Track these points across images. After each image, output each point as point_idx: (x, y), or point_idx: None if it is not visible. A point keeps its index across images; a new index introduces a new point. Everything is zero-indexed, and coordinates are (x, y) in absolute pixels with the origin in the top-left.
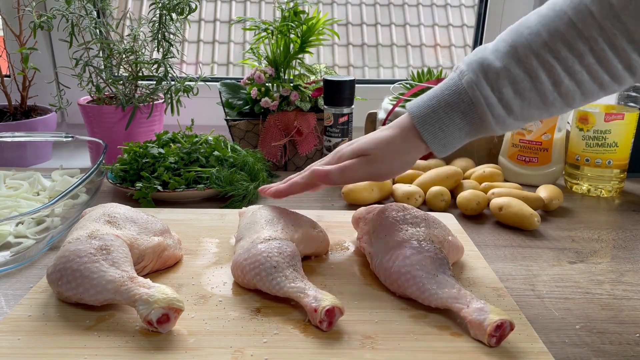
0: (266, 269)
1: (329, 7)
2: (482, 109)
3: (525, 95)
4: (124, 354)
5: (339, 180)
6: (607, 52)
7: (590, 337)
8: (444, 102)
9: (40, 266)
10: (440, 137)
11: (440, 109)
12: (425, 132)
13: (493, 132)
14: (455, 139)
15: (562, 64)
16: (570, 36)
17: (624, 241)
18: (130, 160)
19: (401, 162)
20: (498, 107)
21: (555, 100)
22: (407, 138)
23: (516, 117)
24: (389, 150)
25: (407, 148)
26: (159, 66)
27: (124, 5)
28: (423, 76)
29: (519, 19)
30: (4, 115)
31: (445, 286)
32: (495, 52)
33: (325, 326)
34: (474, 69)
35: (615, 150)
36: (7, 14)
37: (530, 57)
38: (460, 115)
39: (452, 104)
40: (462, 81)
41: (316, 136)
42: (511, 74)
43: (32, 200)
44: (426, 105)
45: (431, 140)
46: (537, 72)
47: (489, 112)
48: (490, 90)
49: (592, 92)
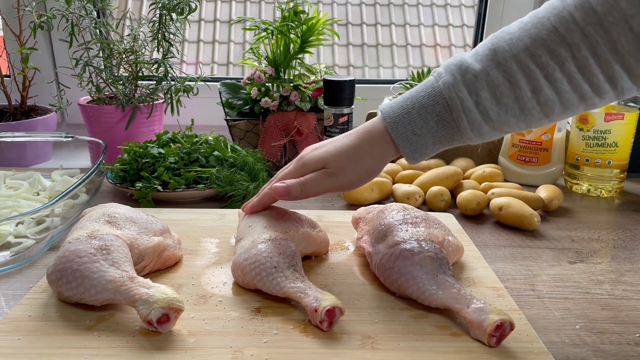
0: (266, 269)
1: (329, 7)
2: (457, 112)
3: (504, 100)
4: (124, 354)
5: (301, 196)
6: (589, 59)
7: (590, 337)
8: (418, 103)
9: (40, 266)
10: (412, 140)
11: (415, 110)
12: (397, 134)
13: (468, 139)
14: (427, 145)
15: (543, 70)
16: (551, 42)
17: (624, 241)
18: (130, 160)
19: (364, 173)
20: (474, 111)
21: (533, 109)
22: (373, 143)
23: (492, 124)
24: (350, 161)
25: (372, 155)
26: (159, 66)
27: (124, 5)
28: (423, 76)
29: (518, 19)
30: (4, 115)
31: (445, 286)
32: (474, 56)
33: (325, 326)
34: (451, 71)
35: (615, 150)
36: (7, 14)
37: (510, 61)
38: (435, 118)
39: (427, 106)
40: (438, 83)
41: (316, 136)
42: (489, 77)
43: (32, 200)
44: (400, 106)
45: (402, 144)
46: (516, 77)
47: (464, 117)
48: (467, 93)
49: (572, 103)
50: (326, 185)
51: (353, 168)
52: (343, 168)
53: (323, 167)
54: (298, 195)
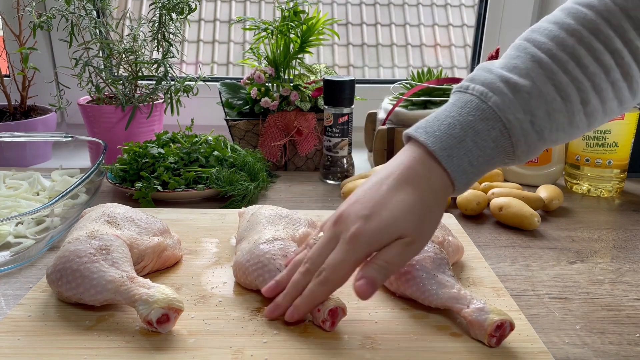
0: (269, 271)
1: (329, 7)
2: (517, 136)
3: (555, 117)
4: (124, 354)
5: (384, 281)
6: (631, 65)
7: (590, 337)
8: (470, 130)
9: (40, 266)
10: (469, 172)
11: (468, 138)
12: (455, 169)
13: (518, 162)
14: (480, 175)
15: (590, 80)
16: (596, 48)
17: (624, 241)
18: (130, 160)
19: (436, 226)
20: (532, 132)
21: (580, 122)
22: (434, 188)
23: (544, 143)
24: (425, 221)
25: (439, 203)
26: (158, 66)
27: (124, 5)
28: (423, 76)
29: (518, 18)
30: (4, 115)
31: (445, 286)
32: (515, 70)
33: (328, 326)
34: (499, 89)
35: (616, 150)
36: (6, 14)
37: (559, 74)
38: (491, 145)
39: (481, 133)
40: (488, 104)
41: (316, 136)
42: (542, 93)
43: (32, 200)
44: (448, 135)
45: (460, 178)
46: (567, 91)
47: (523, 140)
48: (524, 114)
49: (612, 110)
50: (408, 258)
51: (428, 227)
52: (422, 232)
53: (398, 238)
54: (382, 282)
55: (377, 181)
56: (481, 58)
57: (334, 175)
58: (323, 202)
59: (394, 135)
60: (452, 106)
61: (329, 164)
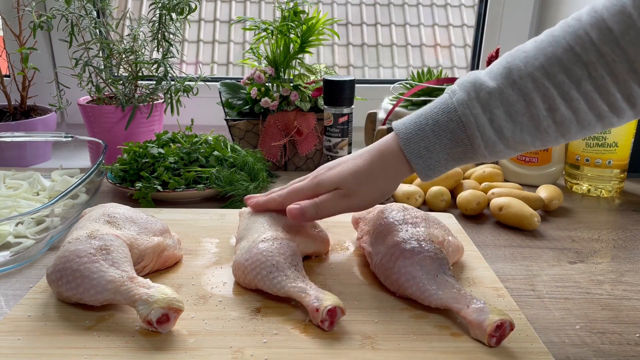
0: (267, 268)
1: (329, 7)
2: (471, 129)
3: (518, 119)
4: (124, 354)
5: (315, 217)
6: (605, 79)
7: (590, 337)
8: (432, 120)
9: (40, 266)
10: (425, 157)
11: (428, 127)
12: (410, 151)
13: (482, 157)
14: (440, 162)
15: (559, 88)
16: (567, 60)
17: (624, 241)
18: (130, 160)
19: (378, 193)
20: (489, 129)
21: (549, 128)
22: (386, 163)
23: (507, 143)
24: (364, 182)
25: (386, 175)
26: (158, 66)
27: (124, 5)
28: (423, 76)
29: (518, 18)
30: (4, 115)
31: (445, 286)
32: (489, 74)
33: (327, 326)
34: (465, 88)
35: (615, 150)
36: (7, 14)
37: (525, 79)
38: (448, 135)
39: (440, 123)
40: (452, 100)
41: (316, 136)
42: (504, 95)
43: (32, 200)
44: (413, 123)
45: (415, 160)
46: (531, 95)
47: (478, 134)
48: (482, 111)
49: (589, 122)
50: (341, 207)
51: (367, 189)
52: (357, 189)
53: (337, 188)
54: (312, 217)
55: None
56: (481, 58)
57: None
58: None
59: None
60: (432, 102)
61: None
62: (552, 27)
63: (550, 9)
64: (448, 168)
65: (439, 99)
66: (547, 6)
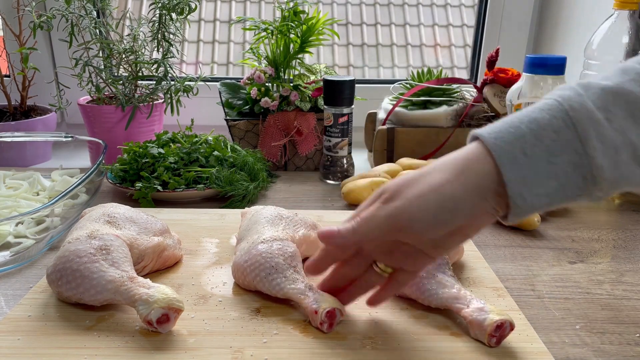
0: (266, 270)
1: (329, 7)
2: (584, 125)
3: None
4: (124, 354)
5: (350, 235)
6: None
7: (590, 337)
8: (527, 118)
9: (40, 266)
10: (521, 162)
11: (524, 124)
12: (500, 152)
13: (599, 171)
14: (540, 174)
15: None
16: None
17: (624, 241)
18: (130, 160)
19: (443, 210)
20: (607, 126)
21: None
22: (465, 168)
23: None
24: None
25: (466, 186)
26: (158, 66)
27: (124, 5)
28: (423, 76)
29: (518, 18)
30: (4, 115)
31: (445, 286)
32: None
33: (325, 328)
34: (571, 88)
35: None
36: (7, 14)
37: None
38: (551, 136)
39: (540, 121)
40: (554, 97)
41: (316, 136)
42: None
43: (32, 200)
44: (501, 123)
45: (508, 167)
46: None
47: (593, 132)
48: (595, 107)
49: None
50: (384, 218)
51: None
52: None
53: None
54: (346, 235)
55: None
56: (481, 58)
57: (334, 175)
58: (323, 202)
59: (394, 135)
60: (520, 110)
61: (329, 164)
62: (554, 28)
63: (550, 9)
64: (549, 194)
65: (531, 105)
66: (547, 6)
